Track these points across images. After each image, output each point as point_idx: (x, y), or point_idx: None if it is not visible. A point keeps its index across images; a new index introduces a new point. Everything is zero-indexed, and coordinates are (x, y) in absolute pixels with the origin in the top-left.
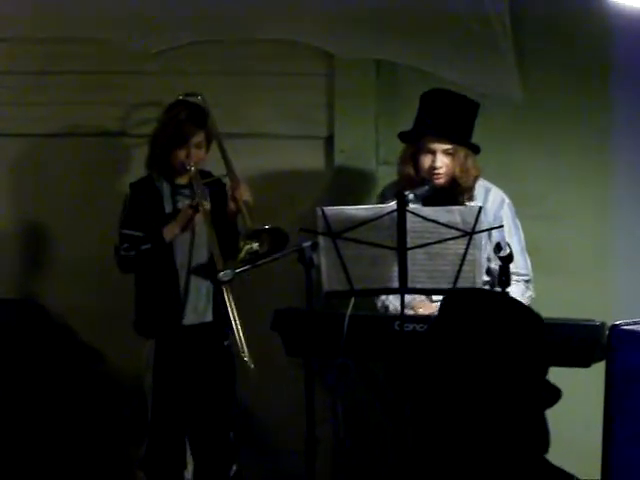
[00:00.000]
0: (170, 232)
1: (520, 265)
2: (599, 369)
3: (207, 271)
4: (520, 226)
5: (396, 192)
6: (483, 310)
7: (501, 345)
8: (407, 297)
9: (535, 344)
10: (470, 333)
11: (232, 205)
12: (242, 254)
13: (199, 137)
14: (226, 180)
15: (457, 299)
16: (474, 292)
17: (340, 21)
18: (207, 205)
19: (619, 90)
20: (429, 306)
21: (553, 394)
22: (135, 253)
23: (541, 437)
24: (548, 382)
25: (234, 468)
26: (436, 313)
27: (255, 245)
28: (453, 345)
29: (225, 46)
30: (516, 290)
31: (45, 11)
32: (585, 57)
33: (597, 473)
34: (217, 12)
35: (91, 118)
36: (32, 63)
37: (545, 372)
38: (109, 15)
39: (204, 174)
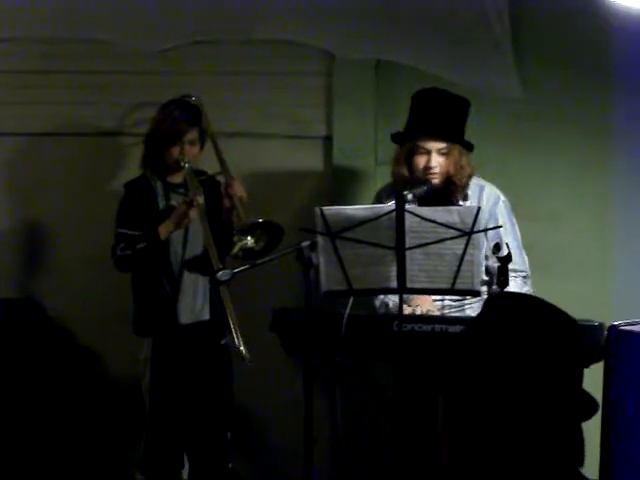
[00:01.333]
0: (165, 229)
1: (518, 262)
2: (598, 370)
3: (203, 269)
4: (516, 223)
5: (395, 192)
6: (523, 317)
7: (540, 353)
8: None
9: (574, 352)
10: (509, 341)
11: (227, 202)
12: (235, 250)
13: (193, 134)
14: (220, 179)
15: (497, 304)
16: (515, 296)
17: (339, 21)
18: (201, 200)
19: (619, 89)
20: (427, 301)
21: (590, 406)
22: (131, 252)
23: (577, 450)
24: (585, 392)
25: (229, 467)
26: (434, 310)
27: (250, 241)
28: (492, 352)
29: (224, 46)
30: (514, 287)
31: (44, 11)
32: (584, 56)
33: (595, 472)
34: (215, 12)
35: (89, 117)
36: (31, 62)
37: (581, 381)
38: (107, 15)
39: (198, 173)
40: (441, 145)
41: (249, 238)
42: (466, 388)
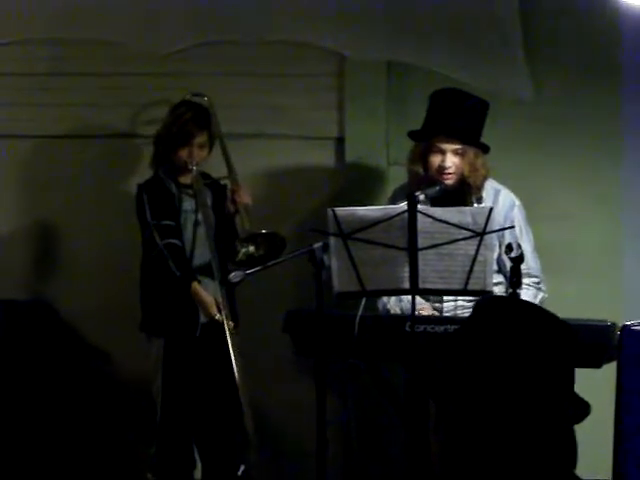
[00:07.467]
0: (195, 294)
1: (532, 266)
2: (610, 370)
3: (211, 271)
4: (530, 229)
5: (407, 193)
6: (512, 320)
7: (529, 356)
8: (405, 299)
9: (564, 355)
10: (499, 344)
11: (231, 207)
12: (240, 256)
13: (202, 137)
14: (225, 182)
15: (486, 308)
16: (504, 300)
17: (351, 22)
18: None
19: (629, 89)
20: (427, 308)
21: (582, 409)
22: (168, 259)
23: (569, 452)
24: (577, 395)
25: (242, 468)
26: (435, 313)
27: (252, 248)
28: (481, 355)
29: (236, 47)
30: (527, 297)
31: (54, 13)
32: (595, 56)
33: (609, 473)
34: (227, 13)
35: (100, 119)
36: (41, 65)
37: (573, 384)
38: (117, 16)
39: (203, 176)
40: (456, 146)
41: (251, 247)
42: (456, 392)
